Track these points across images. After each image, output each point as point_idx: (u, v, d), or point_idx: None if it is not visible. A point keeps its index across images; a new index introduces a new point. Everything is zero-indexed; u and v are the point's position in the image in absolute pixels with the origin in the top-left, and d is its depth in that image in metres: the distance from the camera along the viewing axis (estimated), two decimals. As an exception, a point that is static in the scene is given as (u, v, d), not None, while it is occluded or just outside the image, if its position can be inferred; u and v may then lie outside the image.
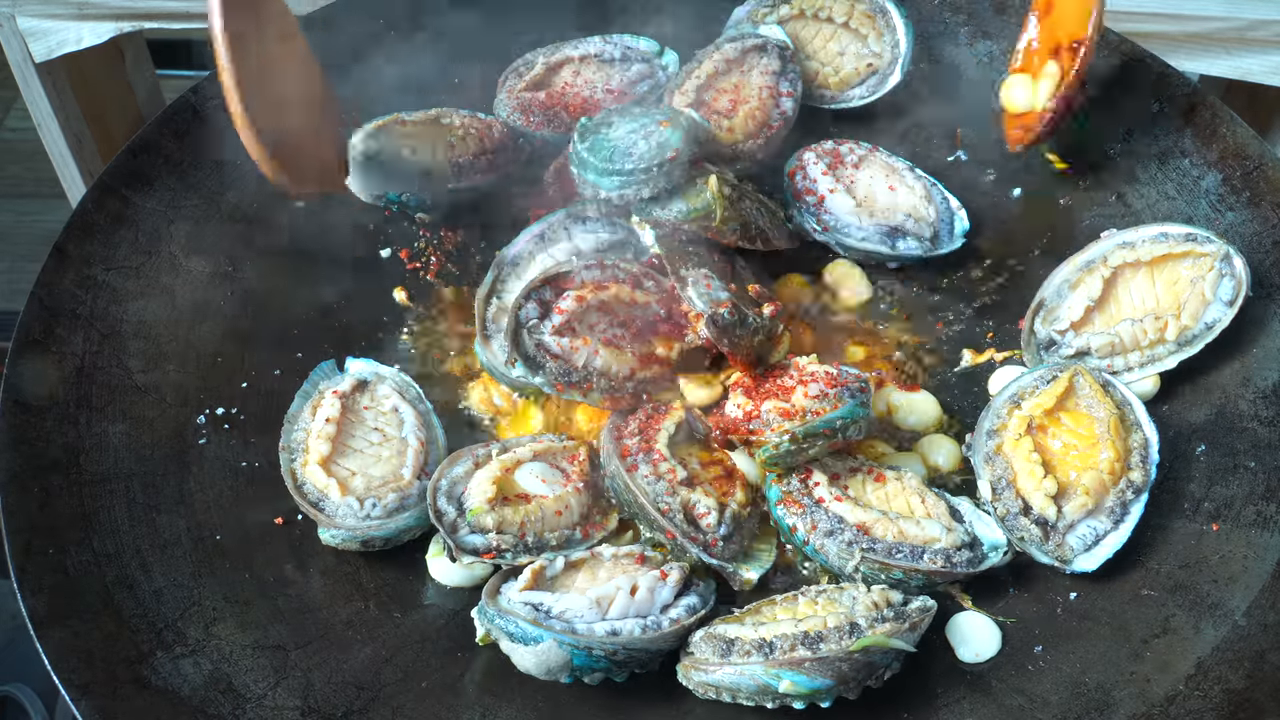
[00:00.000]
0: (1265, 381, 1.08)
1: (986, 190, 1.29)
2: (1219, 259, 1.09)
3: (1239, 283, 1.08)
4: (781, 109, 1.27)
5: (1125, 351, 1.10)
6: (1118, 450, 1.01)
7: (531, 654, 0.89)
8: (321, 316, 1.17)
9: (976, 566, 0.98)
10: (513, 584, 0.95)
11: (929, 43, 1.35)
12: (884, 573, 0.97)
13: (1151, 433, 1.03)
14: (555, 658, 0.89)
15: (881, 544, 0.98)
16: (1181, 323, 1.09)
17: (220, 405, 1.08)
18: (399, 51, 1.32)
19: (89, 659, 0.89)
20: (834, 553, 0.98)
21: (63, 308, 1.07)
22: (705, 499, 1.01)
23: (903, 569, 0.97)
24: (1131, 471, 1.01)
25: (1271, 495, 1.01)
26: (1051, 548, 0.99)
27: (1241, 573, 0.97)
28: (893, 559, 0.97)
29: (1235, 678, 0.91)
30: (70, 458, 1.00)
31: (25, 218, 2.24)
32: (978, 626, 0.98)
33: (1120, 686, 0.93)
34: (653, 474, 1.01)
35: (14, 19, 1.41)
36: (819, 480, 1.02)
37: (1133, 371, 1.10)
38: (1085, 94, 1.20)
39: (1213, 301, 1.09)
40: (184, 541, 0.99)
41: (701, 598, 0.97)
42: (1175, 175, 1.21)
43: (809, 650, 0.89)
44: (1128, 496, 1.00)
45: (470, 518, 0.98)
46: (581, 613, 0.92)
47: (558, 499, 1.01)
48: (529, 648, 0.89)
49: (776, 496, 1.02)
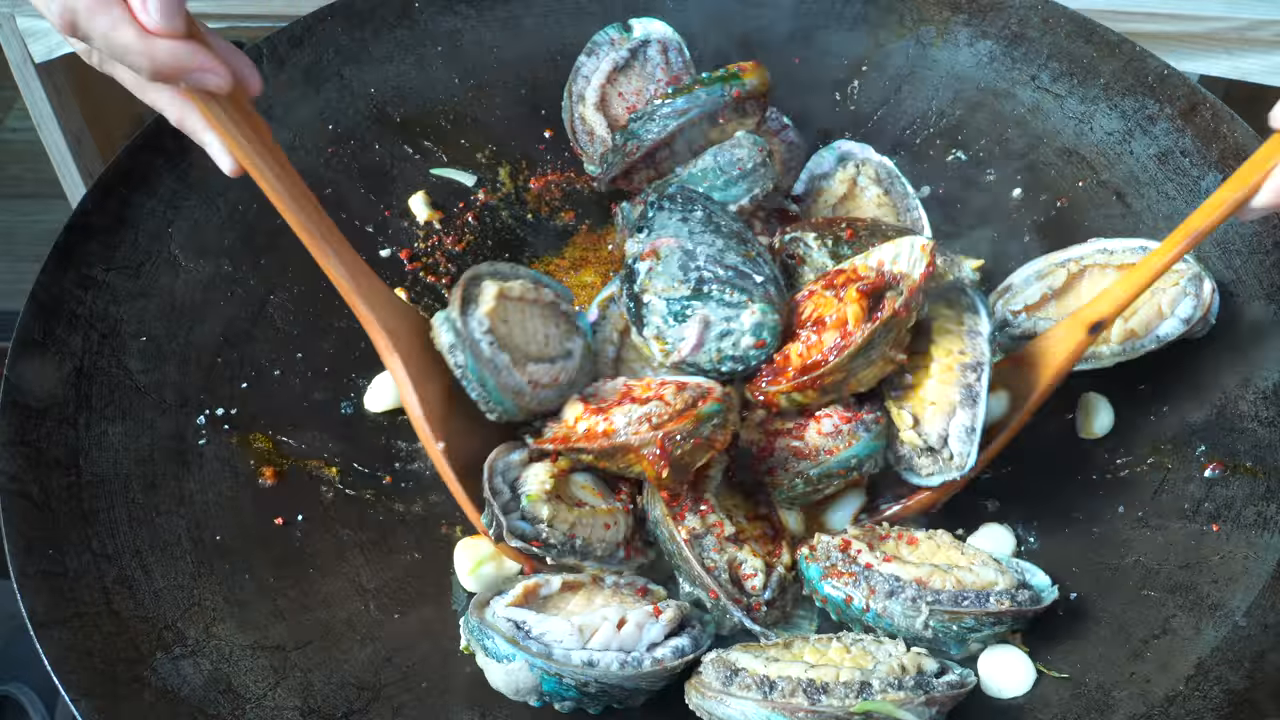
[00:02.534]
0: (1265, 382, 1.08)
1: (987, 190, 1.29)
2: (1187, 278, 1.09)
3: (1204, 308, 1.08)
4: (787, 140, 1.29)
5: None
6: (947, 347, 1.03)
7: (502, 671, 0.89)
8: (322, 317, 1.17)
9: (1038, 604, 0.96)
10: (503, 598, 0.93)
11: (929, 42, 1.35)
12: (955, 623, 0.93)
13: (979, 308, 1.05)
14: (524, 679, 0.88)
15: (946, 594, 0.94)
16: (1128, 327, 1.09)
17: (220, 405, 1.08)
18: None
19: (89, 659, 0.89)
20: (899, 613, 0.94)
21: (63, 308, 1.06)
22: (752, 559, 0.97)
23: (974, 615, 0.93)
24: (965, 355, 1.02)
25: (1271, 496, 1.01)
26: (947, 465, 1.00)
27: (1241, 573, 0.97)
28: (961, 607, 0.93)
29: (1235, 678, 0.91)
30: (70, 458, 0.99)
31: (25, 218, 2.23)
32: (1015, 666, 0.96)
33: (1120, 686, 0.93)
34: (701, 526, 0.98)
35: (14, 19, 1.41)
36: (859, 548, 0.98)
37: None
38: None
39: (1169, 317, 1.09)
40: (184, 541, 0.99)
41: (694, 640, 0.93)
42: (1175, 175, 1.21)
43: (807, 700, 0.86)
44: (970, 379, 1.01)
45: (527, 503, 0.95)
46: (562, 638, 0.89)
47: (609, 511, 0.99)
48: (500, 665, 0.88)
49: (819, 574, 0.98)
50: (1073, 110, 1.28)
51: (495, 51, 1.34)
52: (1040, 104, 1.30)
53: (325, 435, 1.10)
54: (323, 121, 1.26)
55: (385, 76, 1.31)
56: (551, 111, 1.34)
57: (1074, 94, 1.29)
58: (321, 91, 1.27)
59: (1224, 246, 1.16)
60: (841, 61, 1.37)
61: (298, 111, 1.25)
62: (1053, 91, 1.30)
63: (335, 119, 1.27)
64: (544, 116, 1.34)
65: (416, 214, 1.26)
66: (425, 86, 1.32)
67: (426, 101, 1.32)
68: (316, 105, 1.27)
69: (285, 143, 1.24)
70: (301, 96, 1.26)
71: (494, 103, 1.34)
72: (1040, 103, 1.30)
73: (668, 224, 1.08)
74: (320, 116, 1.26)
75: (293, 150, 1.24)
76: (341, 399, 1.13)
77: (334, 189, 1.24)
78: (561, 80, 1.32)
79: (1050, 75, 1.30)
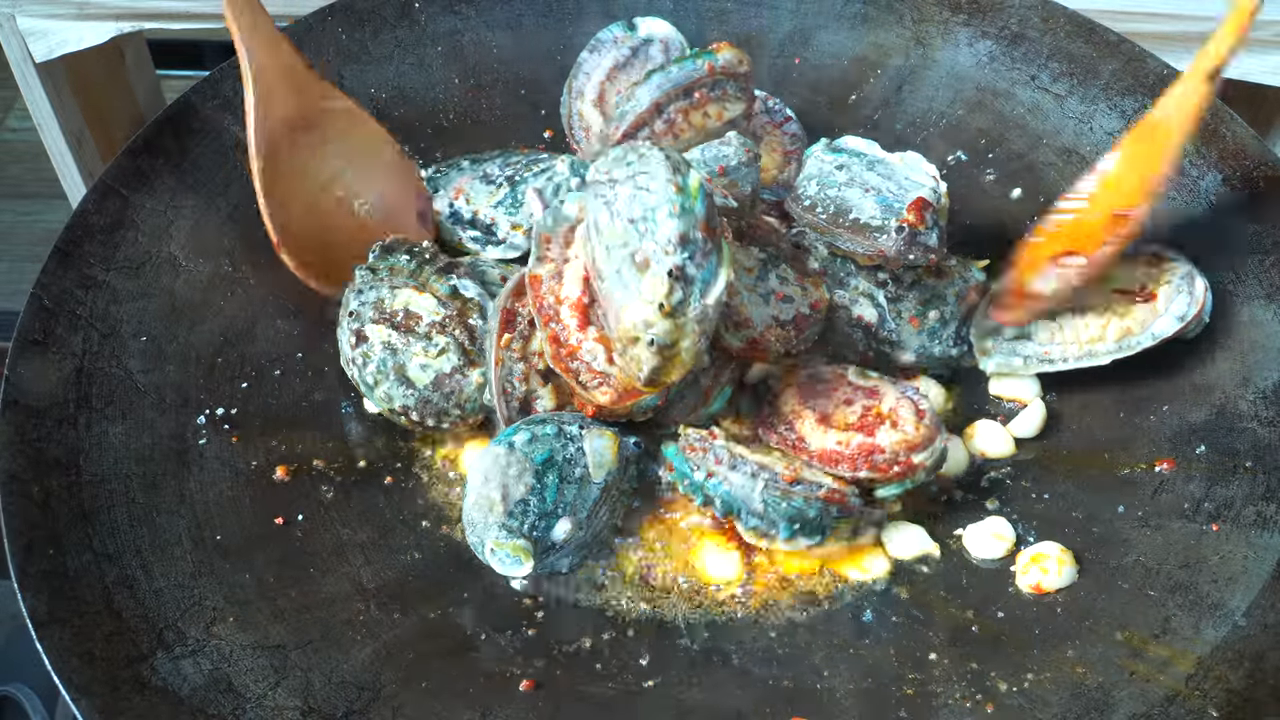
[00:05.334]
0: (1265, 381, 1.08)
1: (986, 190, 1.29)
2: (1180, 275, 1.10)
3: (1198, 305, 1.09)
4: (790, 133, 1.28)
5: (1065, 343, 1.13)
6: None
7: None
8: (322, 316, 1.17)
9: (872, 507, 1.04)
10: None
11: (929, 42, 1.35)
12: (785, 500, 0.99)
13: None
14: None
15: (783, 476, 1.00)
16: (1124, 324, 1.11)
17: (220, 405, 1.08)
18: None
19: (89, 659, 0.89)
20: (738, 483, 1.00)
21: (63, 308, 1.07)
22: (549, 397, 1.06)
23: (803, 496, 0.99)
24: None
25: (1272, 496, 1.01)
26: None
27: (1241, 573, 0.97)
28: (794, 488, 0.99)
29: (1235, 678, 0.91)
30: (70, 458, 0.99)
31: (25, 218, 2.24)
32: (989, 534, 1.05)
33: (1120, 686, 0.93)
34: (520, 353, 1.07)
35: (14, 19, 1.41)
36: (718, 433, 1.05)
37: (1068, 362, 1.12)
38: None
39: (1163, 314, 1.10)
40: (184, 541, 0.99)
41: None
42: (1175, 175, 1.21)
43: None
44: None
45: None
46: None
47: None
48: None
49: (674, 450, 1.04)
50: (1073, 110, 1.29)
51: (495, 51, 1.35)
52: (1040, 104, 1.30)
53: (325, 435, 1.10)
54: (323, 121, 1.26)
55: (385, 76, 1.31)
56: (551, 111, 1.34)
57: (1074, 94, 1.29)
58: (321, 91, 1.27)
59: (1224, 246, 1.16)
60: (841, 61, 1.37)
61: (298, 111, 1.25)
62: (1053, 91, 1.30)
63: (335, 119, 1.27)
64: (544, 116, 1.35)
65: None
66: (425, 86, 1.32)
67: (426, 101, 1.32)
68: (316, 105, 1.27)
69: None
70: (301, 96, 1.26)
71: (494, 103, 1.34)
72: (1040, 103, 1.30)
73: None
74: (320, 116, 1.26)
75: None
76: (341, 399, 1.13)
77: (334, 189, 1.24)
78: (561, 80, 1.32)
79: (1050, 75, 1.30)
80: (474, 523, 0.99)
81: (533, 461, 0.99)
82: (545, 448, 1.00)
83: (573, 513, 0.99)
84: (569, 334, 1.03)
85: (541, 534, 0.98)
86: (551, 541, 0.98)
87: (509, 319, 1.07)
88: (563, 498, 1.00)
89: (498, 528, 0.97)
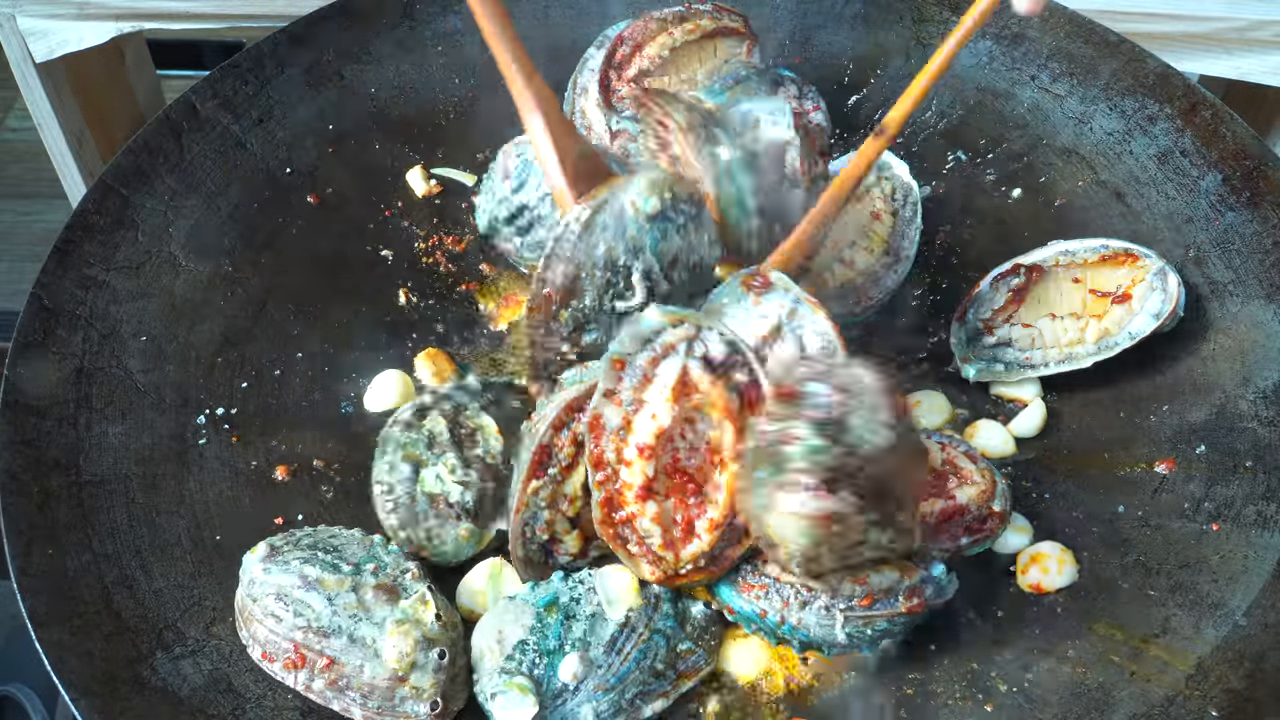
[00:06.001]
0: (1265, 381, 1.08)
1: (986, 190, 1.29)
2: (1152, 273, 1.10)
3: (1172, 301, 1.09)
4: (814, 123, 1.27)
5: (1045, 346, 1.13)
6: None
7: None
8: (322, 317, 1.17)
9: (942, 596, 0.95)
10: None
11: (929, 42, 1.35)
12: (869, 626, 0.92)
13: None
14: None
15: (856, 598, 0.91)
16: (1102, 326, 1.11)
17: (220, 405, 1.08)
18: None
19: (89, 659, 0.89)
20: (814, 624, 0.91)
21: (63, 308, 1.07)
22: (569, 540, 0.96)
23: (886, 616, 0.91)
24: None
25: (1272, 495, 1.01)
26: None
27: (1241, 573, 0.97)
28: (874, 611, 0.91)
29: (1235, 678, 0.91)
30: (70, 458, 0.99)
31: (25, 218, 2.24)
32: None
33: (1120, 686, 0.93)
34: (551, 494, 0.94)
35: (14, 19, 1.41)
36: (773, 566, 0.94)
37: (1049, 366, 1.12)
38: None
39: (1139, 313, 1.10)
40: (184, 541, 0.99)
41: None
42: (1175, 175, 1.21)
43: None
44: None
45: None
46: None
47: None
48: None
49: (730, 590, 0.94)
50: (1073, 110, 1.28)
51: (495, 51, 1.34)
52: (1040, 104, 1.30)
53: (325, 435, 1.10)
54: (323, 121, 1.26)
55: (385, 76, 1.31)
56: (551, 111, 1.34)
57: (1074, 94, 1.29)
58: (321, 91, 1.27)
59: (1224, 246, 1.16)
60: (841, 61, 1.37)
61: (298, 111, 1.25)
62: (1053, 91, 1.30)
63: (335, 119, 1.27)
64: (544, 116, 1.34)
65: (414, 188, 1.27)
66: (425, 86, 1.32)
67: (426, 101, 1.32)
68: (316, 105, 1.27)
69: (285, 143, 1.24)
70: (301, 96, 1.26)
71: (494, 103, 1.34)
72: (1040, 103, 1.30)
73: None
74: (320, 116, 1.26)
75: (293, 150, 1.24)
76: (341, 399, 1.13)
77: (334, 189, 1.24)
78: (561, 80, 1.32)
79: (1050, 75, 1.30)
80: (477, 679, 0.91)
81: (533, 605, 0.91)
82: (549, 591, 0.92)
83: (583, 649, 0.89)
84: (624, 502, 0.91)
85: (544, 673, 0.88)
86: (561, 684, 0.88)
87: (542, 459, 0.93)
88: (569, 634, 0.90)
89: (497, 672, 0.88)
